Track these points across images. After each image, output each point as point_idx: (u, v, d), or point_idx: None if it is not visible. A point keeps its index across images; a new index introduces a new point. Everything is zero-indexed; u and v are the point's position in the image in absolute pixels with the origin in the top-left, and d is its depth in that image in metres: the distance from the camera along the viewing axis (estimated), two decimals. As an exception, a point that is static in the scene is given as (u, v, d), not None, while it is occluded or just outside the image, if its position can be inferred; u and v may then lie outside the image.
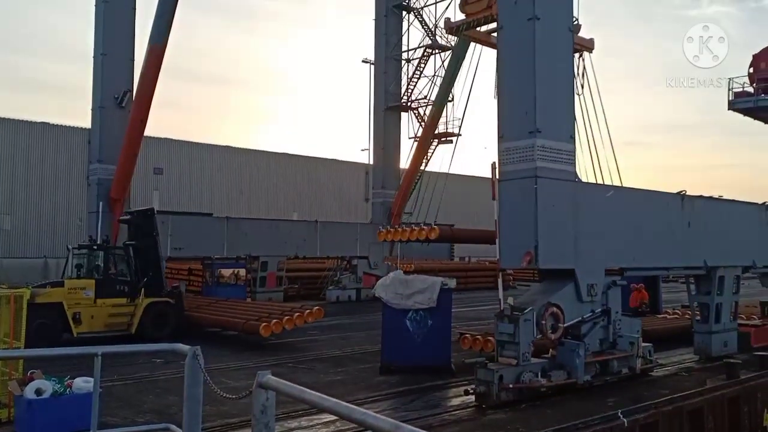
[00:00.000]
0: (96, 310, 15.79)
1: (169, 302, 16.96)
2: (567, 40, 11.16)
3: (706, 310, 13.57)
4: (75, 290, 15.65)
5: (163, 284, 17.92)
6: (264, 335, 15.43)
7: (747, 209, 14.98)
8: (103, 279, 16.32)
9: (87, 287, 15.83)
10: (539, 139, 10.32)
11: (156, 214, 17.96)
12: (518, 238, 10.44)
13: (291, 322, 15.94)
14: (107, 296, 16.05)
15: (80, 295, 15.61)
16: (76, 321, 15.38)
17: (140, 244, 17.21)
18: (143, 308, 16.37)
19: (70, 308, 15.34)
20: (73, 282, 15.99)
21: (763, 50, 19.43)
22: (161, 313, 16.64)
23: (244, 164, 45.33)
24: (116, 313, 16.19)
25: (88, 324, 15.61)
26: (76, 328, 15.38)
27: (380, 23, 31.41)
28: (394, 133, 31.57)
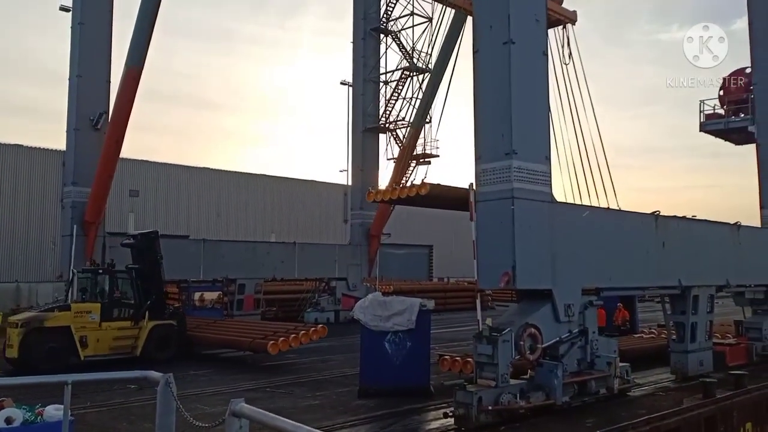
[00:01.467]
0: (101, 333, 16.02)
1: (172, 324, 17.27)
2: (542, 64, 11.32)
3: (681, 330, 13.69)
4: (81, 314, 15.86)
5: (166, 307, 18.12)
6: (272, 353, 15.73)
7: (719, 229, 15.20)
8: (108, 303, 16.55)
9: (93, 311, 16.07)
10: (515, 161, 10.40)
11: (159, 238, 18.31)
12: (496, 259, 10.47)
13: (297, 340, 16.22)
14: (112, 320, 16.32)
15: (86, 318, 15.84)
16: (83, 344, 15.61)
17: (144, 267, 17.47)
18: (147, 331, 16.66)
19: (77, 332, 15.57)
20: (79, 306, 16.18)
21: (733, 73, 19.92)
22: (165, 335, 16.97)
23: (221, 186, 45.10)
24: (121, 336, 16.40)
25: (93, 347, 15.83)
26: (83, 352, 15.60)
27: (358, 46, 31.66)
28: (372, 155, 31.68)
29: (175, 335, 17.27)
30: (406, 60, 31.02)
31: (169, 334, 17.08)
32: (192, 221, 43.19)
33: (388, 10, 31.41)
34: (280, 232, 45.87)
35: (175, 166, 43.82)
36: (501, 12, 10.69)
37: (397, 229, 38.65)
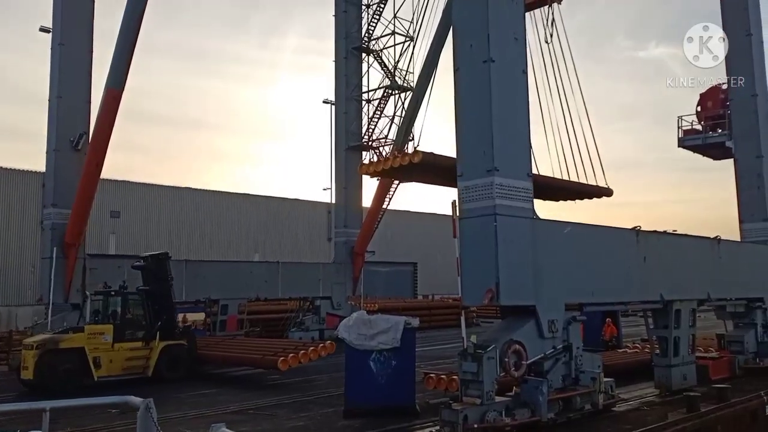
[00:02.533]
0: (114, 354, 16.36)
1: (183, 344, 17.57)
2: (522, 81, 11.45)
3: (664, 344, 13.75)
4: (94, 335, 16.19)
5: (177, 327, 18.38)
6: (282, 369, 16.01)
7: (700, 243, 15.35)
8: (120, 324, 16.87)
9: (105, 332, 16.41)
10: (497, 178, 10.49)
11: (169, 259, 18.66)
12: (479, 276, 10.50)
13: (306, 357, 16.45)
14: (124, 340, 16.65)
15: (99, 339, 16.18)
16: (97, 365, 15.93)
17: (154, 289, 17.81)
18: (159, 351, 16.92)
19: (91, 353, 15.90)
20: (93, 327, 16.53)
21: (709, 89, 20.27)
22: (175, 355, 17.28)
23: (204, 206, 44.85)
24: (133, 356, 16.75)
25: (107, 368, 16.18)
26: (97, 372, 15.93)
27: (340, 65, 31.80)
28: (355, 173, 31.64)
29: (185, 355, 17.57)
30: (388, 78, 31.19)
31: (180, 353, 17.47)
32: (174, 242, 42.78)
33: (369, 29, 31.61)
34: (264, 251, 45.64)
35: (157, 186, 43.54)
36: (481, 31, 10.82)
37: (381, 246, 38.66)
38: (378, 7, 31.21)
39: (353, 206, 31.45)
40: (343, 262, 30.60)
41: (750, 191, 18.21)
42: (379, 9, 31.20)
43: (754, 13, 19.03)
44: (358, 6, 32.09)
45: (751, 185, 18.18)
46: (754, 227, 18.06)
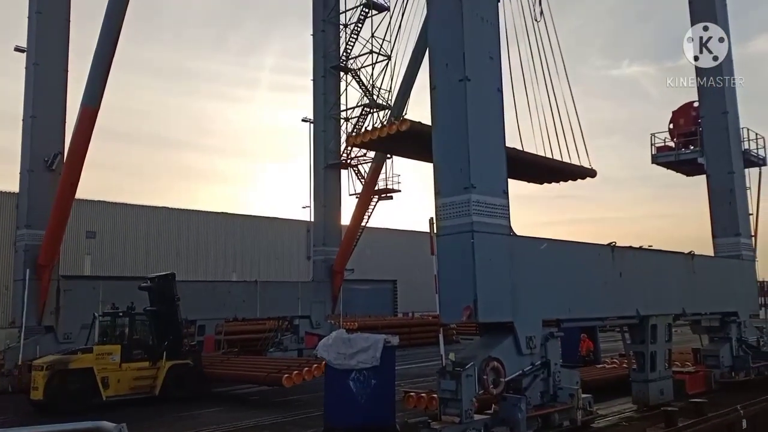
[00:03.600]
0: (122, 374, 16.60)
1: (188, 363, 17.72)
2: (497, 100, 11.55)
3: (641, 359, 13.84)
4: (102, 356, 16.46)
5: (183, 346, 18.55)
6: (287, 386, 16.36)
7: (674, 259, 15.52)
8: (128, 344, 17.14)
9: (113, 352, 16.66)
10: (474, 195, 10.53)
11: (174, 279, 18.87)
12: (457, 293, 10.50)
13: (310, 373, 16.65)
14: (132, 360, 16.88)
15: (107, 360, 16.44)
16: (105, 385, 16.20)
17: (161, 309, 18.04)
18: (165, 371, 17.12)
19: (99, 373, 16.17)
20: (101, 348, 16.76)
21: (682, 107, 20.60)
22: (182, 374, 17.45)
23: (181, 225, 44.46)
24: (140, 376, 16.98)
25: (114, 388, 16.43)
26: (105, 392, 16.21)
27: (318, 83, 31.94)
28: (334, 191, 31.71)
29: (191, 373, 17.74)
30: (366, 97, 31.37)
31: (186, 372, 17.65)
32: (151, 262, 42.28)
33: (347, 48, 31.83)
34: (242, 270, 45.28)
35: (133, 206, 43.12)
36: (456, 50, 10.93)
37: (360, 264, 38.54)
38: (356, 26, 31.47)
39: (332, 224, 31.42)
40: (321, 280, 30.48)
41: (722, 207, 18.50)
42: (356, 28, 31.46)
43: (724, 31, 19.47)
44: (336, 25, 32.34)
45: (723, 201, 18.48)
46: (726, 242, 18.33)
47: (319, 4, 32.12)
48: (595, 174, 18.84)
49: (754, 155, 19.97)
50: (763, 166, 20.33)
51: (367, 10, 31.34)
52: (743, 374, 16.55)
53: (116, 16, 21.19)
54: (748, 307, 18.07)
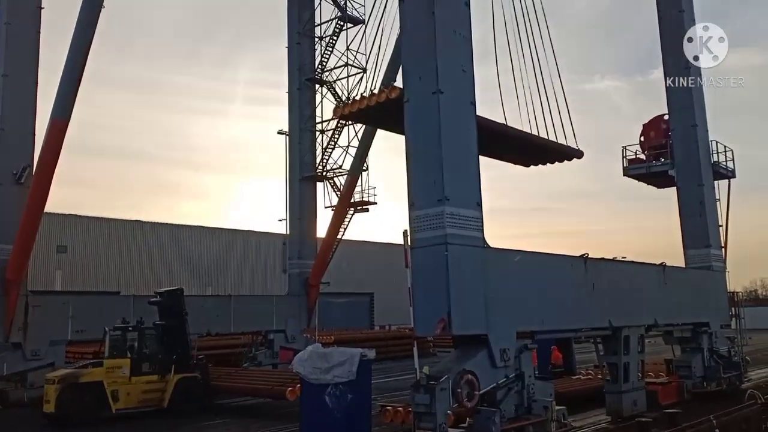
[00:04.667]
0: (131, 387, 17.00)
1: (196, 377, 18.03)
2: (470, 113, 11.59)
3: (614, 370, 13.88)
4: (113, 369, 16.89)
5: (191, 360, 18.75)
6: (290, 399, 16.52)
7: (646, 270, 15.65)
8: (137, 358, 17.49)
9: (123, 366, 17.07)
10: (448, 207, 10.53)
11: (183, 295, 19.34)
12: (431, 306, 10.45)
13: None
14: (141, 374, 17.29)
15: (117, 373, 16.86)
16: (115, 398, 16.60)
17: (170, 323, 18.29)
18: (174, 384, 17.46)
19: (109, 386, 16.60)
20: (111, 361, 17.13)
21: (652, 120, 20.92)
22: (190, 387, 17.71)
23: (154, 239, 43.94)
24: (149, 389, 17.35)
25: (124, 401, 16.82)
26: (114, 405, 16.61)
27: (293, 96, 31.89)
28: (309, 203, 31.58)
29: (199, 386, 18.03)
30: (341, 110, 31.33)
31: (194, 385, 17.92)
32: (123, 277, 41.75)
33: (322, 61, 31.87)
34: (217, 284, 44.85)
35: (106, 219, 42.54)
36: (429, 63, 10.96)
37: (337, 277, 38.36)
38: (331, 39, 31.54)
39: (307, 237, 31.26)
40: (297, 294, 30.24)
41: (692, 218, 18.75)
42: (332, 41, 31.53)
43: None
44: (311, 38, 32.38)
45: (694, 213, 18.72)
46: (697, 253, 18.55)
47: (293, 16, 32.13)
48: (582, 155, 18.41)
49: (723, 167, 20.31)
50: (732, 179, 20.71)
51: (342, 23, 31.45)
52: (715, 384, 16.72)
53: (87, 29, 20.97)
54: (719, 318, 18.28)
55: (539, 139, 16.80)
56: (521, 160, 19.00)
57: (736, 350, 18.53)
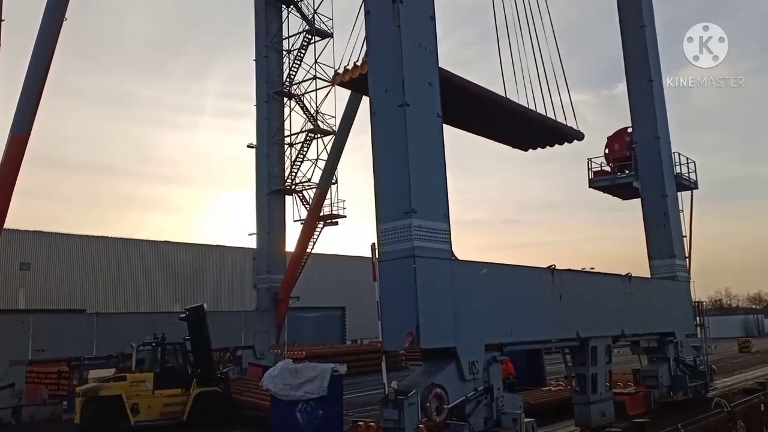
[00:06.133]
0: (153, 400, 17.40)
1: (217, 390, 18.31)
2: (437, 125, 11.60)
3: (583, 381, 13.94)
4: (136, 383, 17.41)
5: (214, 374, 19.05)
6: None
7: (612, 281, 15.79)
8: (160, 372, 17.98)
9: (146, 380, 17.61)
10: (415, 219, 10.48)
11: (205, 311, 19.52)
12: (399, 319, 10.36)
13: None
14: (164, 387, 17.69)
15: (140, 387, 17.37)
16: (134, 411, 17.03)
17: (194, 338, 18.89)
18: (193, 397, 17.79)
19: (129, 399, 17.07)
20: (135, 375, 17.76)
21: (616, 133, 21.26)
22: (210, 401, 17.99)
23: (121, 255, 43.11)
24: (170, 402, 17.72)
25: (145, 413, 17.24)
26: (134, 417, 17.07)
27: (261, 109, 31.72)
28: (278, 217, 31.35)
29: (220, 400, 18.19)
30: (310, 122, 31.33)
31: (214, 399, 18.14)
32: (89, 294, 40.86)
33: (291, 74, 31.81)
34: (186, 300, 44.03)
35: (71, 235, 41.66)
36: (395, 76, 10.94)
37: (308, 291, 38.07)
38: (299, 52, 31.51)
39: (276, 251, 30.99)
40: (265, 309, 29.89)
41: (657, 229, 19.04)
42: (300, 54, 31.51)
43: (655, 62, 20.29)
44: (279, 51, 32.33)
45: (658, 223, 19.02)
46: (662, 263, 18.82)
47: (261, 30, 32.04)
48: (583, 136, 18.23)
49: (686, 179, 20.68)
50: (695, 190, 21.10)
51: (310, 36, 31.46)
52: (681, 393, 16.89)
53: (48, 41, 20.60)
54: (684, 327, 18.51)
55: (541, 116, 16.70)
56: (520, 141, 18.57)
57: (702, 359, 18.75)
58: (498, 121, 16.39)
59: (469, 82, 14.59)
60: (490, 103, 15.04)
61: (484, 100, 15.03)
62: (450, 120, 16.34)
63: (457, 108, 15.11)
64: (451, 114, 15.88)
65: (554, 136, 18.09)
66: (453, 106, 15.08)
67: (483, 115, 15.99)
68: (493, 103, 14.95)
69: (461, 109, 15.18)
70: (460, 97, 14.49)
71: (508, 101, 15.59)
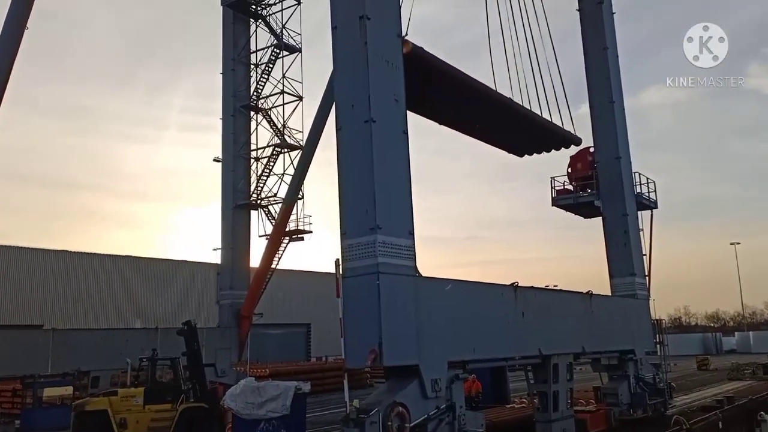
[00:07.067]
0: (141, 415, 17.13)
1: (203, 406, 17.76)
2: (402, 141, 11.64)
3: (544, 399, 13.98)
4: (126, 398, 17.24)
5: (206, 389, 18.59)
6: None
7: (573, 298, 15.93)
8: (150, 387, 17.74)
9: (137, 395, 17.40)
10: (380, 236, 10.46)
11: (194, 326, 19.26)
12: (363, 336, 10.28)
13: None
14: (154, 403, 17.38)
15: (131, 402, 17.18)
16: (122, 426, 16.81)
17: (187, 354, 18.53)
18: (180, 413, 17.40)
19: (116, 414, 16.85)
20: (126, 390, 17.76)
21: (579, 152, 21.58)
22: (195, 416, 17.57)
23: (81, 270, 42.03)
24: (158, 417, 17.38)
25: (133, 428, 16.95)
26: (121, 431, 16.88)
27: (228, 122, 31.47)
28: (243, 232, 31.03)
29: (206, 415, 17.75)
30: (277, 137, 31.19)
31: (199, 414, 17.74)
32: (47, 309, 39.71)
33: (258, 88, 31.67)
34: (147, 317, 43.12)
35: (29, 249, 40.53)
36: (362, 92, 10.97)
37: (273, 308, 37.63)
38: (267, 66, 31.43)
39: (240, 267, 30.62)
40: (228, 326, 29.43)
41: (617, 247, 19.34)
42: (267, 68, 31.42)
43: (616, 83, 20.75)
44: (246, 65, 32.19)
45: (618, 242, 19.32)
46: (622, 282, 19.10)
47: (229, 43, 31.88)
48: (580, 141, 18.44)
49: (646, 198, 21.09)
50: (655, 209, 21.51)
51: (278, 50, 31.42)
52: (641, 411, 17.04)
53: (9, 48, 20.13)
54: (643, 345, 18.77)
55: (542, 120, 16.68)
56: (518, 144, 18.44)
57: (661, 377, 19.00)
58: (498, 123, 16.26)
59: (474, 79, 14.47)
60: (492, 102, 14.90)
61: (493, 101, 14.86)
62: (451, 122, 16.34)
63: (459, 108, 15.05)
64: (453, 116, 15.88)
65: (553, 139, 18.20)
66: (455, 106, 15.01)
67: (484, 115, 15.88)
68: (495, 102, 14.85)
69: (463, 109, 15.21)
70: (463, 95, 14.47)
71: (511, 101, 15.54)
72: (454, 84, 14.22)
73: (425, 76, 13.45)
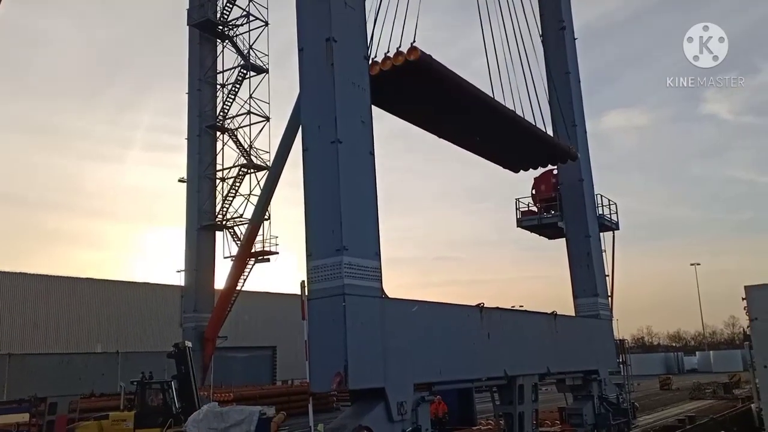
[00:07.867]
0: None
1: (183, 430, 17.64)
2: (369, 162, 11.64)
3: (510, 420, 13.99)
4: (117, 422, 17.59)
5: None
6: None
7: (538, 319, 16.05)
8: (141, 411, 17.97)
9: (128, 419, 17.72)
10: (346, 257, 10.40)
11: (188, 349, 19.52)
12: (328, 359, 10.16)
13: None
14: (145, 426, 17.50)
15: (121, 426, 17.47)
16: None
17: (179, 376, 18.81)
18: None
19: None
20: (117, 414, 18.15)
21: (542, 174, 21.90)
22: None
23: (39, 292, 40.86)
24: None
25: None
26: None
27: (193, 142, 31.25)
28: (207, 253, 30.68)
29: None
30: (243, 157, 31.03)
31: None
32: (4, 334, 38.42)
33: (224, 108, 31.55)
34: (108, 341, 42.07)
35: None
36: (328, 113, 10.97)
37: (237, 330, 37.09)
38: (233, 86, 31.36)
39: (205, 289, 30.23)
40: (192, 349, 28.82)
41: (581, 268, 19.62)
42: (234, 88, 31.35)
43: (578, 107, 21.23)
44: (213, 85, 32.10)
45: (582, 263, 19.62)
46: (586, 302, 19.36)
47: (195, 63, 31.77)
48: (577, 157, 18.54)
49: (607, 220, 21.47)
50: (617, 230, 21.90)
51: (246, 71, 31.40)
52: (605, 431, 17.17)
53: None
54: (607, 365, 18.96)
55: (545, 134, 16.63)
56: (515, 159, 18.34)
57: (625, 397, 19.19)
58: (501, 136, 16.23)
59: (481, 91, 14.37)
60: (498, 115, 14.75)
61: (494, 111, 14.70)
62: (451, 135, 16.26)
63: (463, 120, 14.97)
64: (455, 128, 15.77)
65: (553, 154, 18.17)
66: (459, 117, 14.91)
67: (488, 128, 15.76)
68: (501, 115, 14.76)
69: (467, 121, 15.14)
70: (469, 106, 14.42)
71: (515, 114, 15.33)
72: (461, 94, 13.81)
73: (432, 85, 13.12)
